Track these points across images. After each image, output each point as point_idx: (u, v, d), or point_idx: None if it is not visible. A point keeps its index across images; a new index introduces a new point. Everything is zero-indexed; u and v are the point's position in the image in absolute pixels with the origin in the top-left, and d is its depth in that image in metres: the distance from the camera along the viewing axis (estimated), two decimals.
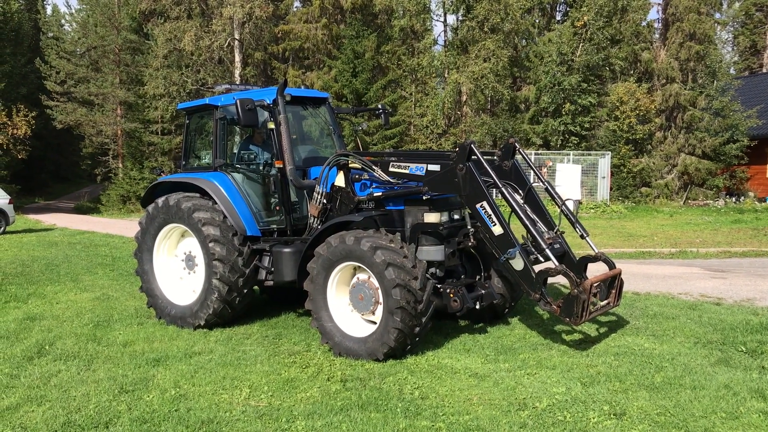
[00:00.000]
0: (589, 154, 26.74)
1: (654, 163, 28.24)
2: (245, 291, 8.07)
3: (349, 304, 7.01)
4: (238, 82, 31.32)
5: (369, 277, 6.72)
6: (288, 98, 7.90)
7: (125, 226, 24.78)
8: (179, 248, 8.67)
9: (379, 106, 9.63)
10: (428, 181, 6.91)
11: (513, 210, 6.71)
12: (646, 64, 29.51)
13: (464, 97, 30.50)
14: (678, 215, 22.89)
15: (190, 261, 8.46)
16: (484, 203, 6.48)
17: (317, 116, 9.24)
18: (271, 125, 7.89)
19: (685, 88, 28.25)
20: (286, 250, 7.80)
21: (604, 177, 26.10)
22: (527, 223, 6.62)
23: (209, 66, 33.01)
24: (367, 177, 7.60)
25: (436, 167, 6.88)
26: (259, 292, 9.01)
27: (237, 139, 9.05)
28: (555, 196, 7.52)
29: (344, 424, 5.07)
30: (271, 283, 8.11)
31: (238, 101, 7.35)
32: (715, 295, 9.38)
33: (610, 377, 5.92)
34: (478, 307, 7.22)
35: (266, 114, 7.99)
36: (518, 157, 7.62)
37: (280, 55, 35.28)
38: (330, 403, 5.55)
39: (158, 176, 9.74)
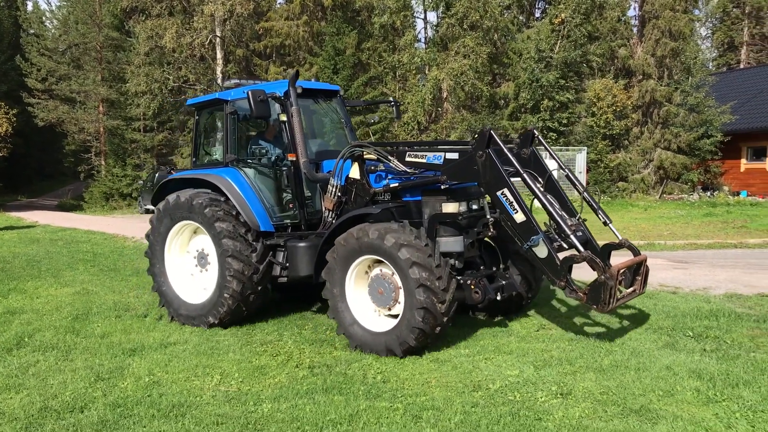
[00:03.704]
0: (567, 150, 27.15)
1: (630, 158, 28.68)
2: (259, 288, 7.94)
3: (368, 297, 6.94)
4: (219, 79, 31.48)
5: (390, 272, 6.63)
6: (299, 90, 7.80)
7: (108, 223, 24.91)
8: (191, 246, 8.57)
9: (391, 99, 9.50)
10: (447, 169, 6.75)
11: (536, 197, 6.49)
12: (623, 60, 29.94)
13: (445, 94, 30.81)
14: (652, 209, 23.36)
15: (202, 259, 8.36)
16: (505, 190, 6.32)
17: (328, 109, 9.13)
18: (283, 117, 7.80)
19: (660, 84, 28.70)
20: (302, 244, 7.69)
21: (581, 172, 26.51)
22: (551, 209, 6.45)
23: (191, 63, 33.09)
24: (382, 168, 7.47)
25: (454, 155, 6.76)
26: (271, 290, 8.85)
27: (248, 134, 8.88)
28: (576, 183, 7.42)
29: (308, 407, 5.37)
30: (285, 279, 8.02)
31: (249, 92, 7.28)
32: (673, 284, 9.76)
33: (562, 361, 6.27)
34: (499, 298, 7.07)
35: (278, 107, 7.92)
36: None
37: (262, 52, 35.45)
38: (296, 387, 5.85)
39: (168, 173, 9.77)
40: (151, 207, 31.30)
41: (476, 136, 6.69)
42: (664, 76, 29.11)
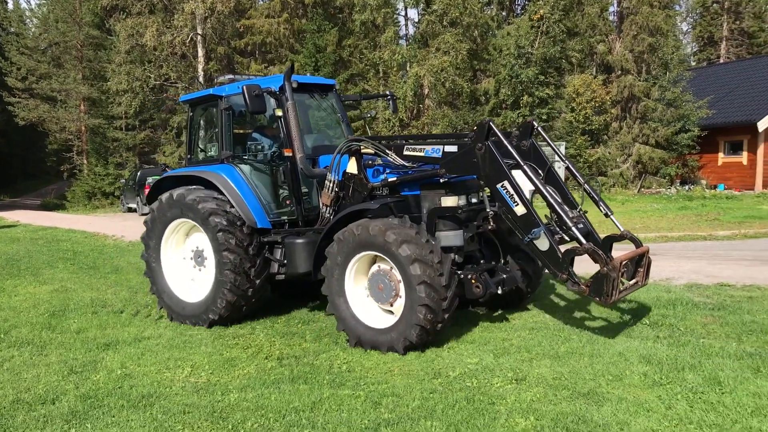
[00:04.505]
0: (547, 145, 27.41)
1: (610, 153, 29.05)
2: (257, 283, 7.87)
3: (368, 293, 6.90)
4: (200, 77, 31.52)
5: (390, 268, 6.58)
6: (295, 85, 7.74)
7: (89, 222, 24.93)
8: (187, 244, 8.51)
9: (388, 93, 9.47)
10: (445, 162, 6.69)
11: (537, 189, 6.41)
12: (602, 56, 30.29)
13: (426, 90, 31.03)
14: (630, 203, 23.68)
15: (199, 257, 8.30)
16: (505, 183, 6.25)
17: (324, 104, 8.99)
18: (279, 112, 7.71)
19: (639, 80, 29.06)
20: (300, 241, 7.62)
21: (560, 167, 26.81)
22: (552, 202, 6.37)
23: (172, 61, 33.10)
24: (380, 162, 7.38)
25: (453, 148, 6.71)
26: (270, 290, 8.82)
27: (243, 130, 8.82)
28: (577, 175, 7.33)
29: (273, 395, 5.57)
30: (283, 276, 7.96)
31: (244, 88, 7.18)
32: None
33: (521, 349, 6.50)
34: (500, 292, 6.99)
35: (273, 103, 7.79)
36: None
37: (244, 50, 35.52)
38: (264, 378, 6.05)
39: (163, 171, 9.73)
40: (133, 205, 31.21)
41: (475, 128, 6.60)
42: (642, 72, 29.48)
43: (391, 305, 6.71)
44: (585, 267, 7.19)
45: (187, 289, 8.38)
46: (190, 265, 8.47)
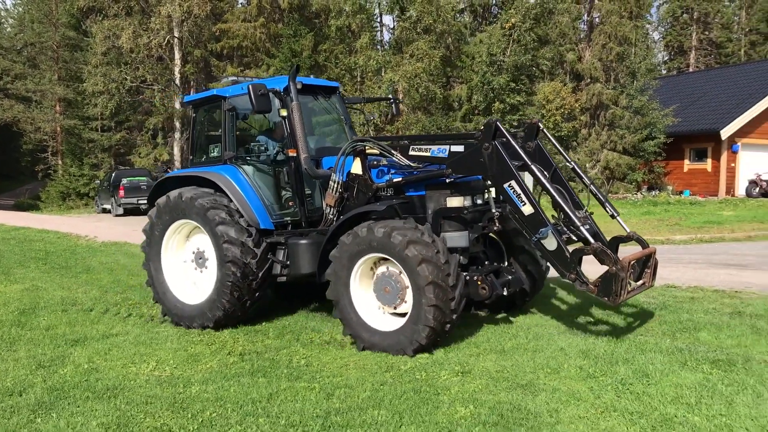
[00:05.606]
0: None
1: (578, 159, 29.64)
2: (260, 279, 7.78)
3: (374, 295, 6.86)
4: (176, 80, 31.66)
5: (396, 270, 6.57)
6: (299, 86, 7.79)
7: (62, 222, 24.96)
8: (188, 246, 8.47)
9: (391, 96, 9.48)
10: (451, 162, 6.70)
11: (545, 189, 6.44)
12: (572, 64, 30.95)
13: (400, 95, 31.45)
14: (594, 208, 24.10)
15: (200, 259, 8.26)
16: (513, 182, 6.27)
17: (328, 105, 8.98)
18: (284, 113, 7.73)
19: (607, 88, 29.76)
20: (303, 242, 7.59)
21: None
22: (560, 201, 6.40)
23: (148, 63, 33.20)
24: (385, 163, 7.39)
25: (459, 148, 6.72)
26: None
27: (247, 131, 8.90)
28: (582, 176, 7.34)
29: (233, 388, 5.87)
30: (285, 278, 7.96)
31: (250, 87, 7.21)
32: (592, 277, 10.42)
33: (470, 344, 6.89)
34: (506, 293, 7.06)
35: (277, 103, 7.79)
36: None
37: (222, 53, 35.72)
38: (225, 371, 6.35)
39: (165, 171, 9.79)
40: (107, 206, 31.15)
41: (482, 127, 6.60)
42: (611, 80, 30.18)
43: (399, 307, 6.71)
44: (589, 268, 7.24)
45: (189, 292, 8.34)
46: (195, 273, 8.41)
